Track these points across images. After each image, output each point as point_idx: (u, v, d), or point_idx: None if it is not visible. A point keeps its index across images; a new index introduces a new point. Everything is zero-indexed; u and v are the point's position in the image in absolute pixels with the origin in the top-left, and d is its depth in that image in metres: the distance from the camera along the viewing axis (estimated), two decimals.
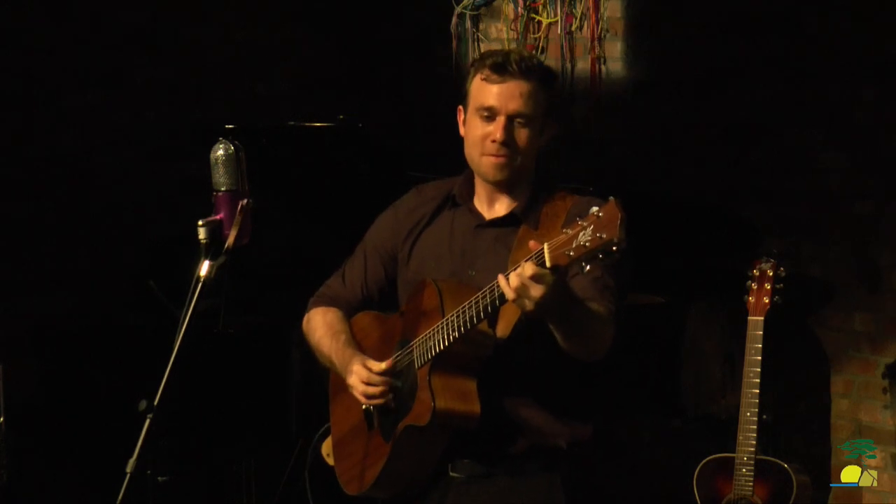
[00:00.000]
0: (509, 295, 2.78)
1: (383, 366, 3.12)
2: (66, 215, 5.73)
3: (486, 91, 3.07)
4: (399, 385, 3.12)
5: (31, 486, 5.19)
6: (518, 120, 3.06)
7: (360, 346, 3.26)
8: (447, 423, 3.01)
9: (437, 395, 2.98)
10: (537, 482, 3.11)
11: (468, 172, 3.19)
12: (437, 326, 3.00)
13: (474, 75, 3.10)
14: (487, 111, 3.07)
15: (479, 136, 3.08)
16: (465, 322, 2.93)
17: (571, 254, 2.66)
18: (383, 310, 3.34)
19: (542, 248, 2.71)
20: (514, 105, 3.05)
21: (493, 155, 3.08)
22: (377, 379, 3.12)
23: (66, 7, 5.73)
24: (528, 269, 2.72)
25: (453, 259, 3.15)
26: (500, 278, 2.80)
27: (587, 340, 2.94)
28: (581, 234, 2.65)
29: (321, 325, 3.32)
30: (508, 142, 3.06)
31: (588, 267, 2.67)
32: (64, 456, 4.80)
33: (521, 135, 3.07)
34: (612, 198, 2.66)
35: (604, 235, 2.62)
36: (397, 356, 3.14)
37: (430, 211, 3.24)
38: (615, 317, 2.99)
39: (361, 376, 3.14)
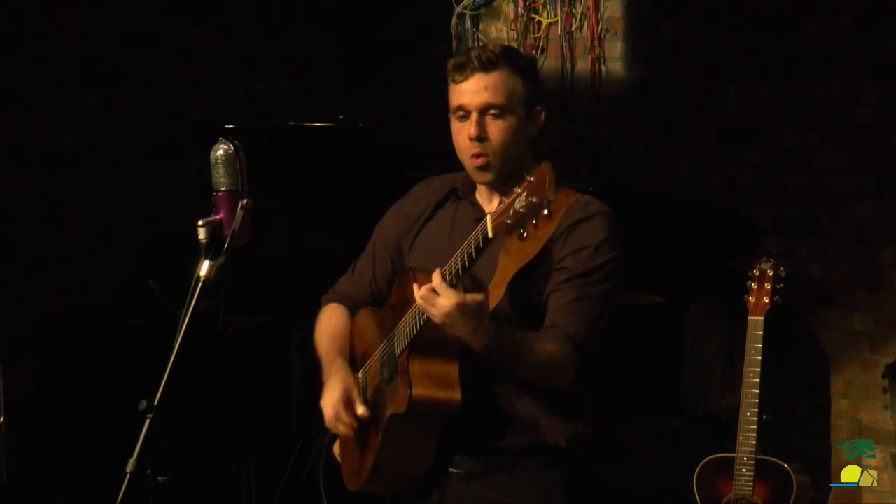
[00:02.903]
0: (419, 302, 2.88)
1: (360, 410, 3.12)
2: (66, 215, 5.73)
3: (456, 91, 3.07)
4: (386, 376, 3.12)
5: (31, 486, 5.19)
6: (492, 112, 3.05)
7: (360, 344, 3.26)
8: (426, 411, 2.98)
9: (415, 383, 2.97)
10: (537, 480, 3.10)
11: None
12: (411, 313, 3.00)
13: (448, 80, 3.11)
14: (461, 110, 3.07)
15: (459, 137, 3.09)
16: None
17: (509, 221, 2.72)
18: None
19: (486, 219, 2.77)
20: (481, 99, 3.04)
21: (473, 156, 3.07)
22: (347, 420, 3.12)
23: (66, 7, 5.73)
24: (435, 279, 2.84)
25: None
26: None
27: (526, 375, 2.97)
28: (517, 200, 2.70)
29: (324, 326, 3.32)
30: (483, 136, 3.05)
31: (525, 234, 2.72)
32: (64, 456, 4.79)
33: (497, 127, 3.05)
34: (545, 161, 2.74)
35: (534, 199, 2.67)
36: (383, 349, 3.14)
37: (434, 203, 3.24)
38: (585, 344, 2.98)
39: (336, 408, 3.13)
